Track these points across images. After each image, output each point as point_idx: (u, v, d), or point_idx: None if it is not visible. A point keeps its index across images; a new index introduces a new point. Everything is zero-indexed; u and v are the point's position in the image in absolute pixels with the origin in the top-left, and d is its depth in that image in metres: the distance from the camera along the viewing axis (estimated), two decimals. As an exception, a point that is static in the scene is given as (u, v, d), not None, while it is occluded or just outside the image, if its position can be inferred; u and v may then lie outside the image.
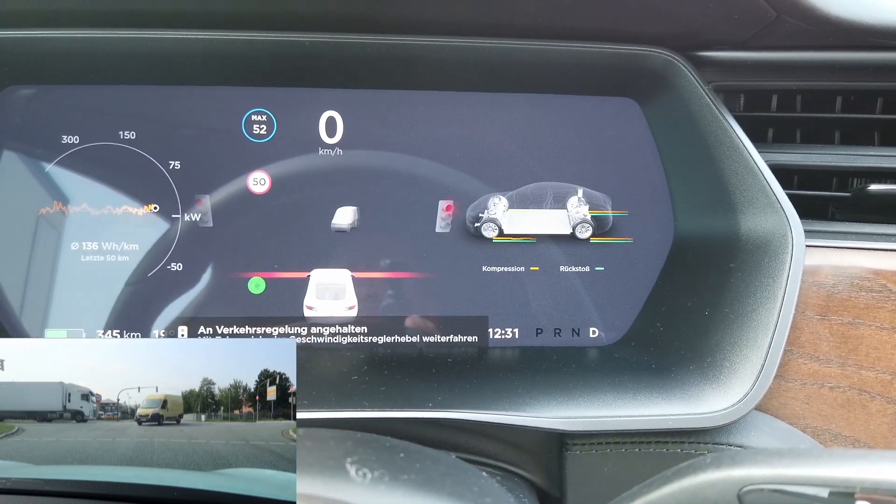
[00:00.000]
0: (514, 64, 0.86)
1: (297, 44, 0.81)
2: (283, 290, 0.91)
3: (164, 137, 0.89)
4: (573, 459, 0.73)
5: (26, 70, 0.85)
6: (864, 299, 0.77)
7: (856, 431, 0.77)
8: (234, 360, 0.63)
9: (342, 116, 0.91)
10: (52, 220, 0.88)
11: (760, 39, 0.80)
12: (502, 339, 0.93)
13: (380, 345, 0.92)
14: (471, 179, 0.93)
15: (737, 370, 0.73)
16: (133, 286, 0.89)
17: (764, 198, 0.79)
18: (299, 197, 0.91)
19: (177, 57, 0.83)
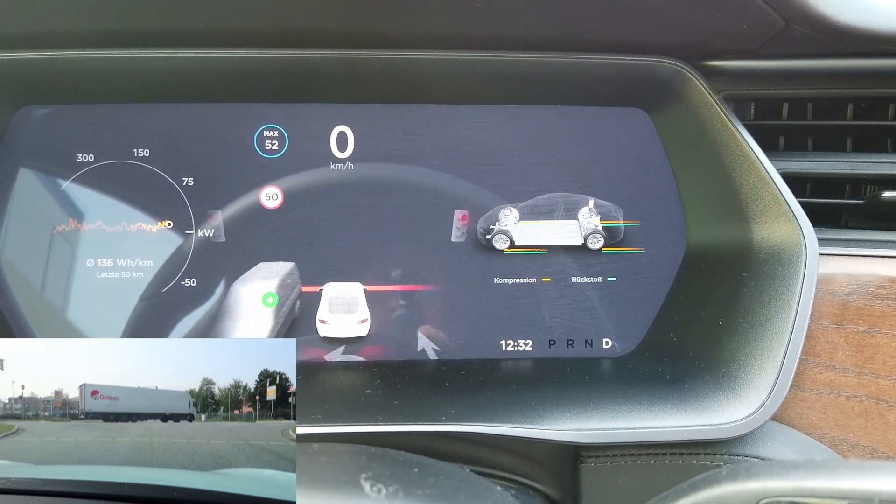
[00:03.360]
0: (524, 76, 0.86)
1: (307, 60, 0.82)
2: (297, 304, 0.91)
3: (177, 154, 0.90)
4: (588, 472, 0.73)
5: (41, 90, 0.86)
6: (879, 307, 0.76)
7: (874, 441, 0.76)
8: (235, 360, 0.63)
9: (353, 131, 0.92)
10: (67, 237, 0.89)
11: (770, 48, 0.80)
12: (515, 351, 0.93)
13: (392, 358, 0.92)
14: (482, 191, 0.93)
15: (752, 380, 0.72)
16: (147, 302, 0.90)
17: (776, 206, 0.78)
18: (311, 211, 0.91)
19: (189, 75, 0.84)
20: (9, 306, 0.87)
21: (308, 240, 0.91)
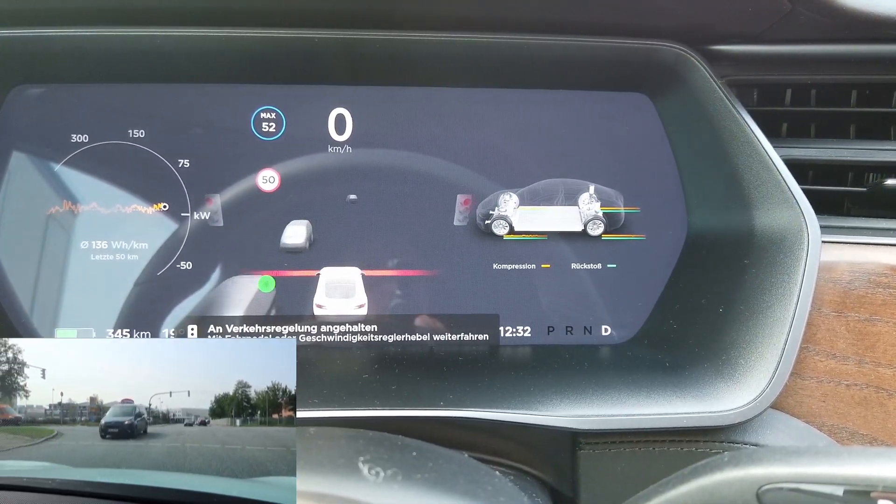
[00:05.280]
0: (525, 59, 0.85)
1: (305, 40, 0.81)
2: (293, 289, 0.90)
3: (173, 136, 0.89)
4: (586, 458, 0.72)
5: (35, 69, 0.85)
6: (881, 296, 0.76)
7: (873, 429, 0.76)
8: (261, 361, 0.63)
9: (351, 113, 0.91)
10: (61, 219, 0.88)
11: (775, 32, 0.79)
12: (514, 337, 0.93)
13: (390, 343, 0.91)
14: (481, 177, 0.92)
15: (752, 368, 0.72)
16: (143, 285, 0.89)
17: (779, 193, 0.78)
18: (308, 195, 0.90)
19: (185, 55, 0.83)
20: (1, 287, 0.86)
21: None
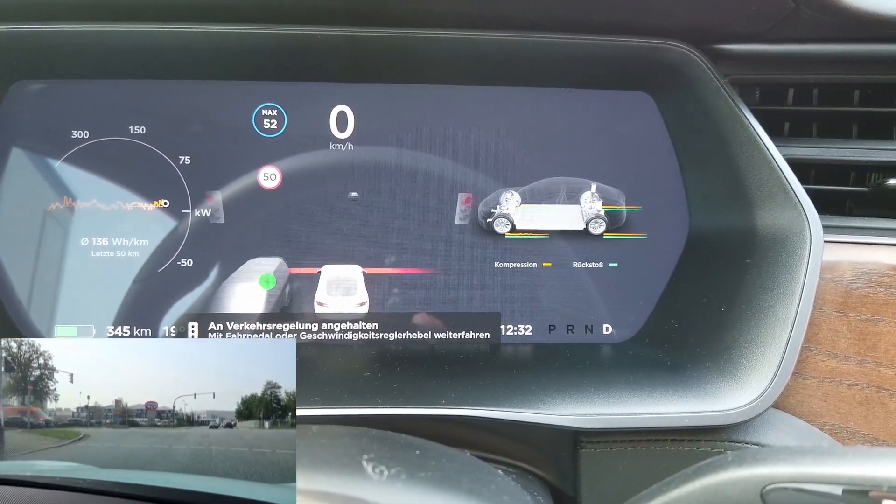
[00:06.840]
0: (527, 57, 0.85)
1: (307, 37, 0.80)
2: (294, 286, 0.90)
3: (174, 132, 0.88)
4: (587, 457, 0.72)
5: (36, 65, 0.85)
6: (882, 295, 0.76)
7: (874, 429, 0.76)
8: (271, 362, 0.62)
9: (353, 111, 0.90)
10: (61, 215, 0.88)
11: (778, 32, 0.79)
12: (515, 335, 0.93)
13: (391, 341, 0.91)
14: (482, 175, 0.92)
15: (754, 367, 0.72)
16: (143, 282, 0.88)
17: (781, 192, 0.77)
18: (310, 192, 0.90)
19: (187, 51, 0.83)
20: (1, 284, 0.86)
21: (306, 221, 0.90)
